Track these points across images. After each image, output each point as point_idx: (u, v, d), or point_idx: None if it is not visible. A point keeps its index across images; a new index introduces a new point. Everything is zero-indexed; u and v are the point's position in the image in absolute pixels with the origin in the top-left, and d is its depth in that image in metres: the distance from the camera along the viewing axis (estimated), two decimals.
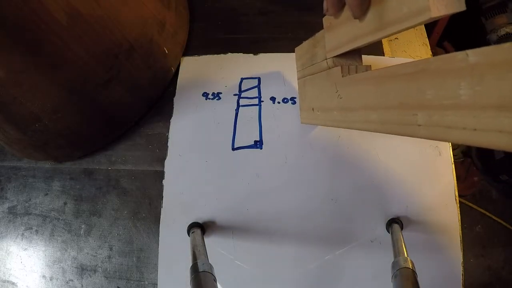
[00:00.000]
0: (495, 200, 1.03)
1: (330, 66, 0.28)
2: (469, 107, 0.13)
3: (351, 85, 0.25)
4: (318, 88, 0.31)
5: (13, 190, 0.44)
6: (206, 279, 0.27)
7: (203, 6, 0.49)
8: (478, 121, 0.13)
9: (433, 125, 0.16)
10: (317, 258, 0.37)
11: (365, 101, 0.22)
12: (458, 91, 0.14)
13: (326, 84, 0.29)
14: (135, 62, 0.38)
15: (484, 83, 0.13)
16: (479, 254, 0.99)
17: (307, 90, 0.35)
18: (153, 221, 0.40)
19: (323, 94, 0.30)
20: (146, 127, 0.43)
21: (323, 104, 0.31)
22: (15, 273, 0.42)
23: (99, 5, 0.33)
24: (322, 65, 0.29)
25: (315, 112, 0.33)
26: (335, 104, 0.27)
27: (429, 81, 0.16)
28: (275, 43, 0.45)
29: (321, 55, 0.29)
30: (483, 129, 0.13)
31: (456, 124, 0.14)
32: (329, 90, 0.28)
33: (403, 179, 0.38)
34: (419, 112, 0.17)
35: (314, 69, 0.32)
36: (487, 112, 0.13)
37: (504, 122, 0.12)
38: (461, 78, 0.14)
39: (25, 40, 0.30)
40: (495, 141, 0.13)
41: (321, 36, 0.29)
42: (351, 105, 0.25)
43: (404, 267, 0.28)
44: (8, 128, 0.38)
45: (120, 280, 0.39)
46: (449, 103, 0.15)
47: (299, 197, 0.38)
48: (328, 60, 0.28)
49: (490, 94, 0.13)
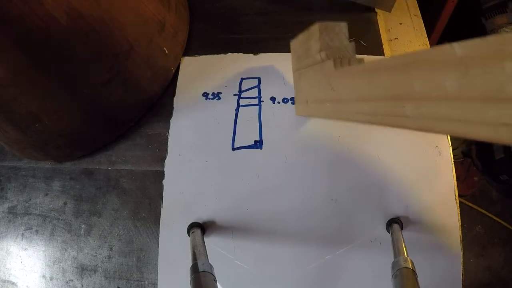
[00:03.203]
0: (495, 200, 1.03)
1: (324, 59, 0.28)
2: (455, 99, 0.14)
3: (343, 78, 0.25)
4: (312, 80, 0.32)
5: (13, 190, 0.44)
6: (206, 279, 0.27)
7: (203, 6, 0.49)
8: (464, 112, 0.13)
9: (421, 117, 0.16)
10: (317, 258, 0.37)
11: (357, 93, 0.23)
12: (444, 82, 0.14)
13: (320, 77, 0.29)
14: (135, 62, 0.38)
15: (469, 75, 0.13)
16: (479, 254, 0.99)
17: (302, 82, 0.35)
18: (153, 221, 0.40)
19: (317, 86, 0.30)
20: (146, 127, 0.43)
21: (317, 96, 0.31)
22: (15, 273, 0.42)
23: (99, 5, 0.33)
24: (316, 57, 0.29)
25: (310, 105, 0.33)
26: (328, 96, 0.28)
27: (418, 73, 0.16)
28: (275, 43, 0.45)
29: (315, 48, 0.30)
30: (468, 121, 0.13)
31: (443, 115, 0.15)
32: (322, 82, 0.29)
33: (403, 179, 0.38)
34: (407, 104, 0.17)
35: (308, 61, 0.32)
36: (472, 104, 0.13)
37: (488, 114, 0.12)
38: (447, 70, 0.14)
39: (25, 40, 0.30)
40: (480, 133, 0.13)
41: (315, 29, 0.29)
42: (344, 97, 0.25)
43: (404, 267, 0.28)
44: (8, 128, 0.38)
45: (120, 280, 0.39)
46: (436, 95, 0.15)
47: (299, 197, 0.38)
48: (322, 53, 0.28)
49: (475, 86, 0.13)
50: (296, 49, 0.36)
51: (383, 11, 0.46)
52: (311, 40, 0.31)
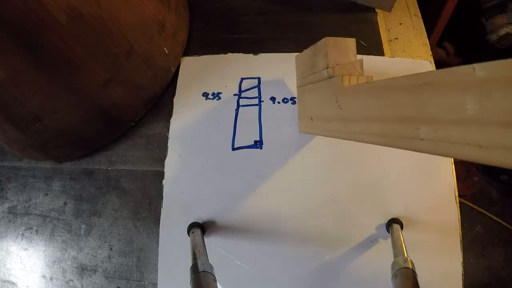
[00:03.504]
0: (495, 200, 1.03)
1: (331, 75, 0.27)
2: (475, 123, 0.13)
3: (352, 96, 0.24)
4: (318, 97, 0.31)
5: (13, 190, 0.44)
6: (206, 279, 0.27)
7: (203, 6, 0.49)
8: (484, 137, 0.13)
9: (437, 139, 0.15)
10: (317, 258, 0.37)
11: (366, 112, 0.22)
12: (463, 106, 0.13)
13: (326, 94, 0.28)
14: (135, 62, 0.38)
15: (491, 99, 0.12)
16: (479, 254, 0.98)
17: (306, 99, 0.35)
18: (153, 221, 0.40)
19: (323, 103, 0.29)
20: (146, 127, 0.43)
21: (323, 113, 0.30)
22: (15, 273, 0.42)
23: (99, 5, 0.33)
24: (323, 74, 0.29)
25: (314, 122, 0.32)
26: (335, 114, 0.27)
27: (433, 94, 0.15)
28: (275, 43, 0.45)
29: (321, 64, 0.29)
30: (488, 146, 0.13)
31: (461, 139, 0.14)
32: (329, 99, 0.28)
33: (403, 179, 0.38)
34: (422, 126, 0.16)
35: (314, 78, 0.31)
36: (493, 128, 0.12)
37: (511, 139, 0.12)
38: (467, 93, 0.13)
39: (25, 40, 0.30)
40: (501, 159, 0.12)
41: (322, 45, 0.29)
42: (352, 116, 0.24)
43: (404, 267, 0.28)
44: (8, 128, 0.38)
45: (120, 280, 0.39)
46: (454, 118, 0.14)
47: (299, 197, 0.38)
48: (329, 69, 0.27)
49: (497, 110, 0.12)
50: (301, 64, 0.36)
51: (383, 11, 0.46)
52: (317, 56, 0.30)
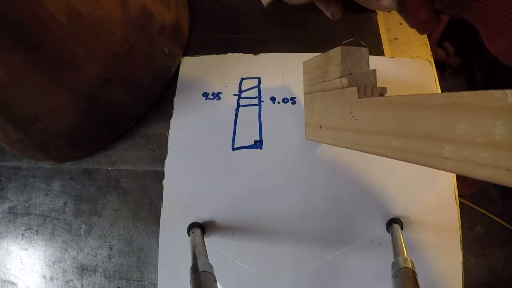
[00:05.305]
0: (495, 200, 1.03)
1: (345, 85, 0.27)
2: (504, 147, 0.13)
3: (368, 108, 0.24)
4: (329, 106, 0.30)
5: (13, 190, 0.44)
6: (206, 279, 0.27)
7: (203, 6, 0.49)
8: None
9: (463, 160, 0.15)
10: (317, 258, 0.37)
11: (384, 126, 0.21)
12: (493, 129, 0.13)
13: (339, 103, 0.28)
14: (135, 62, 0.38)
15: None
16: (479, 254, 0.99)
17: (315, 106, 0.34)
18: (153, 221, 0.40)
19: (335, 113, 0.29)
20: (146, 127, 0.43)
21: (334, 123, 0.29)
22: (15, 273, 0.42)
23: (99, 5, 0.33)
24: (335, 83, 0.28)
25: (324, 130, 0.32)
26: (349, 125, 0.26)
27: (461, 116, 0.15)
28: (276, 43, 0.45)
29: (334, 73, 0.28)
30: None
31: (488, 162, 0.14)
32: (341, 109, 0.27)
33: (403, 179, 0.38)
34: (447, 145, 0.16)
35: (325, 86, 0.30)
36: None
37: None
38: (497, 117, 0.13)
39: (25, 40, 0.30)
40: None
41: (335, 53, 0.28)
42: (368, 128, 0.23)
43: (404, 267, 0.28)
44: (8, 128, 0.38)
45: (120, 280, 0.39)
46: (482, 141, 0.14)
47: (299, 197, 0.38)
48: (343, 79, 0.27)
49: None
50: (309, 70, 0.35)
51: (383, 11, 0.46)
52: (330, 64, 0.29)
